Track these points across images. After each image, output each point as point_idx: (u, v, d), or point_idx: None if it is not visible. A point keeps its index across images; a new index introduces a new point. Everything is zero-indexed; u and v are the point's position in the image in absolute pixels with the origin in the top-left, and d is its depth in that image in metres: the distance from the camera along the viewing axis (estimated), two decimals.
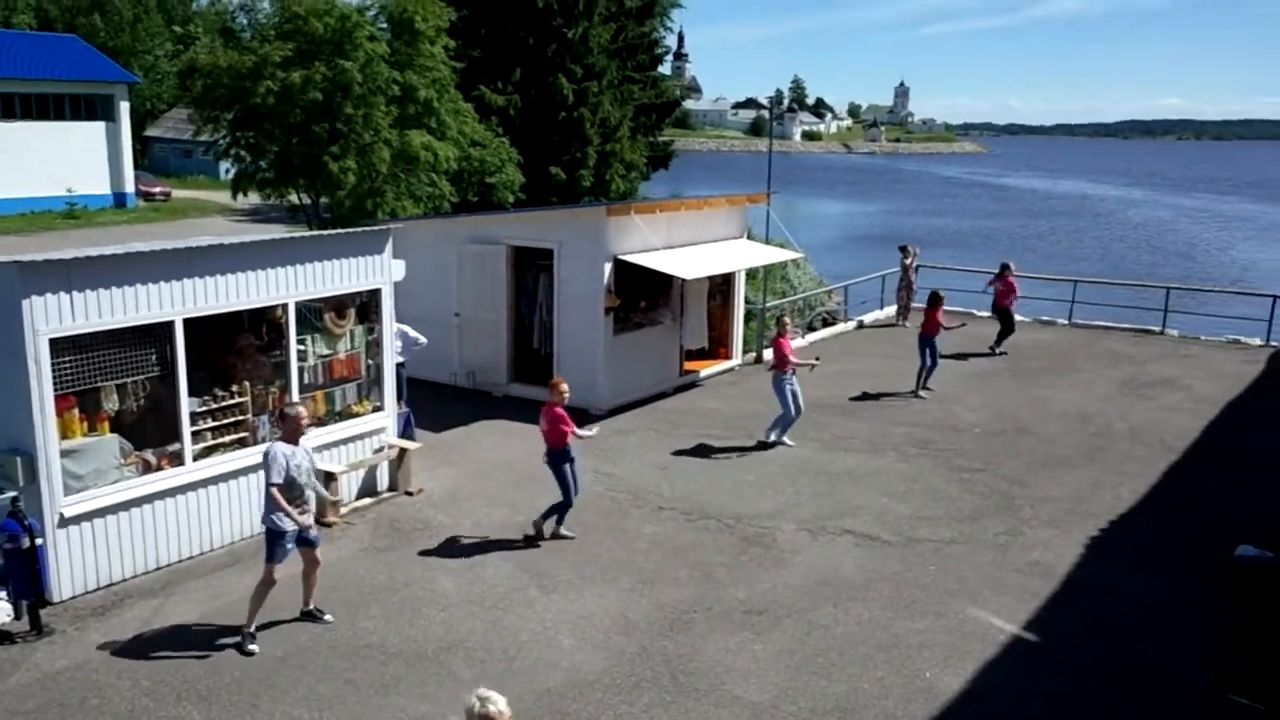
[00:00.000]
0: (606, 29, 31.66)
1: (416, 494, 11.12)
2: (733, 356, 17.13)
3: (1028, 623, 8.48)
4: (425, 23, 27.47)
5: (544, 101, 29.30)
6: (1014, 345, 18.71)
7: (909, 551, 9.87)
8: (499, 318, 14.65)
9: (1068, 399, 15.58)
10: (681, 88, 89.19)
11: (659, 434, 13.46)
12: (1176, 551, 10.00)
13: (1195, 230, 67.08)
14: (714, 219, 16.03)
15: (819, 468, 12.28)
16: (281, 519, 7.70)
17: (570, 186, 29.49)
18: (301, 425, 7.97)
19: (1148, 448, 13.23)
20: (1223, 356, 18.78)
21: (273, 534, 7.80)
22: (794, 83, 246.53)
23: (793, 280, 26.23)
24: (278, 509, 7.67)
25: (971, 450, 13.06)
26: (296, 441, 7.91)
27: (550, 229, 14.38)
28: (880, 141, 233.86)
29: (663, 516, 10.64)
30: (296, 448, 7.88)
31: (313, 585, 8.28)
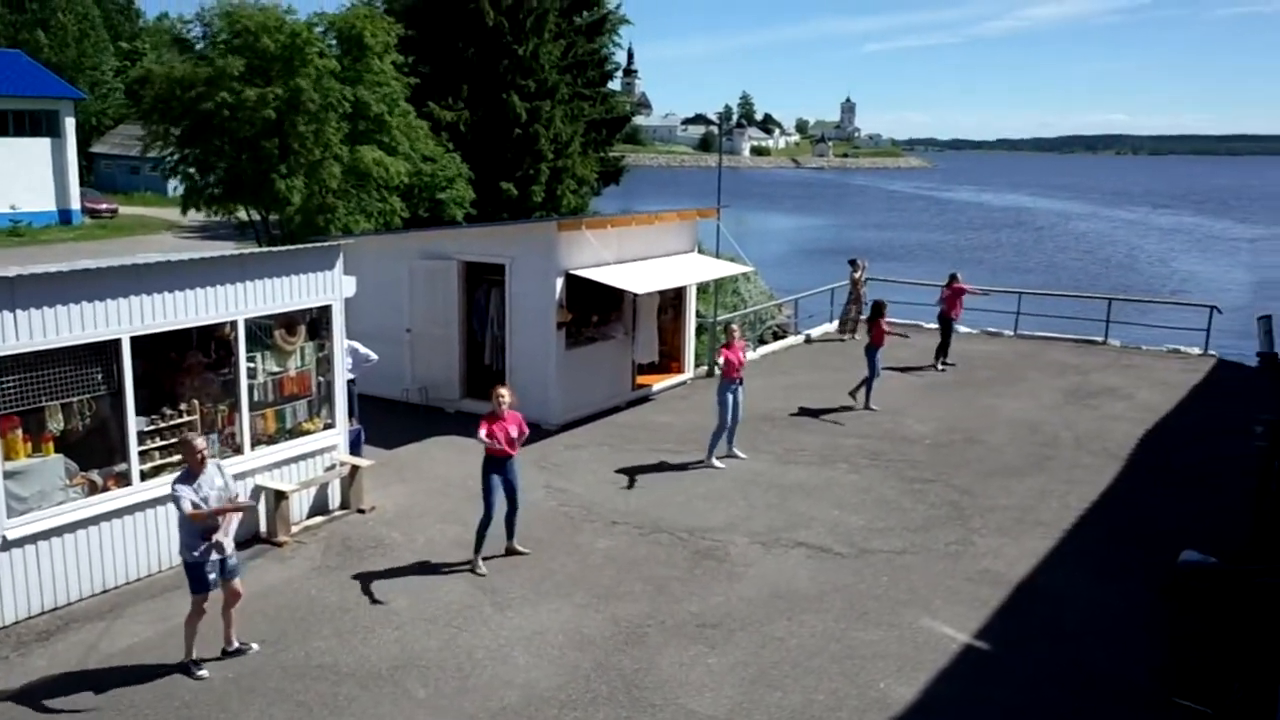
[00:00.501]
0: (557, 46, 31.72)
1: (369, 512, 11.01)
2: (685, 370, 17.20)
3: (979, 631, 8.60)
4: (374, 38, 27.34)
5: (495, 118, 29.27)
6: (962, 356, 19.00)
7: (862, 563, 9.97)
8: (450, 333, 14.58)
9: (1015, 409, 15.86)
10: (632, 104, 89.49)
11: (612, 448, 13.47)
12: (1123, 558, 10.21)
13: (1135, 242, 68.67)
14: (665, 233, 16.12)
15: (771, 480, 12.36)
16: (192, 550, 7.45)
17: (522, 202, 29.46)
18: (197, 457, 7.51)
19: (1093, 456, 13.50)
20: (1163, 365, 19.24)
21: (189, 565, 7.56)
22: (742, 99, 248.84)
23: (743, 294, 26.41)
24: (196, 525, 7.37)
25: (922, 461, 13.23)
26: (200, 472, 7.51)
27: (502, 244, 14.35)
28: (828, 157, 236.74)
29: (616, 531, 10.64)
30: (201, 478, 7.49)
31: (230, 621, 7.92)
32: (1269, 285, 46.08)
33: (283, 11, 27.10)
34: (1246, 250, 64.72)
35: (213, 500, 7.51)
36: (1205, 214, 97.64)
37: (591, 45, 36.41)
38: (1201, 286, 43.17)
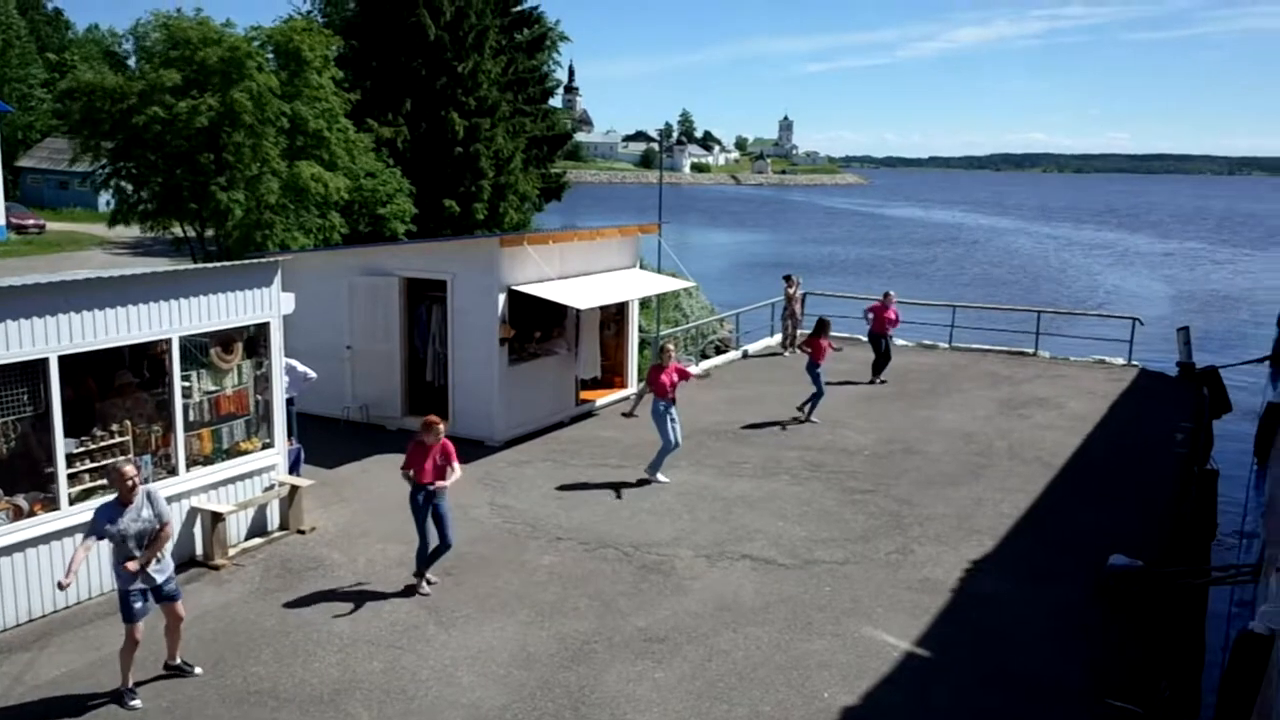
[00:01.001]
0: (497, 62, 31.68)
1: (309, 532, 10.84)
2: (628, 385, 17.24)
3: (919, 638, 8.74)
4: (312, 53, 27.07)
5: (436, 134, 29.12)
6: (898, 369, 19.33)
7: (805, 573, 10.07)
8: (392, 350, 14.46)
9: (950, 419, 16.17)
10: (573, 120, 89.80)
11: (556, 464, 13.45)
12: (1055, 563, 10.46)
13: (1062, 256, 70.51)
14: (607, 249, 16.18)
15: (715, 494, 12.44)
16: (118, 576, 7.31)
17: (464, 218, 29.32)
18: (127, 485, 7.28)
19: (1026, 464, 13.82)
20: (1090, 376, 19.78)
21: (122, 593, 7.38)
22: (683, 116, 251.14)
23: (685, 309, 26.58)
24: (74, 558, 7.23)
25: (862, 472, 13.42)
26: (129, 500, 7.30)
27: (443, 260, 14.29)
28: (767, 173, 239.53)
29: (561, 547, 10.62)
30: (129, 507, 7.28)
31: (176, 640, 7.80)
32: (1186, 298, 47.68)
33: (221, 25, 26.72)
34: (1165, 264, 66.81)
35: (134, 532, 7.27)
36: (1125, 229, 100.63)
37: (532, 62, 36.42)
38: (1125, 299, 44.46)
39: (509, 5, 35.29)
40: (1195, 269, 63.83)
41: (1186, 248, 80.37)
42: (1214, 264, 67.43)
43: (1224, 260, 70.27)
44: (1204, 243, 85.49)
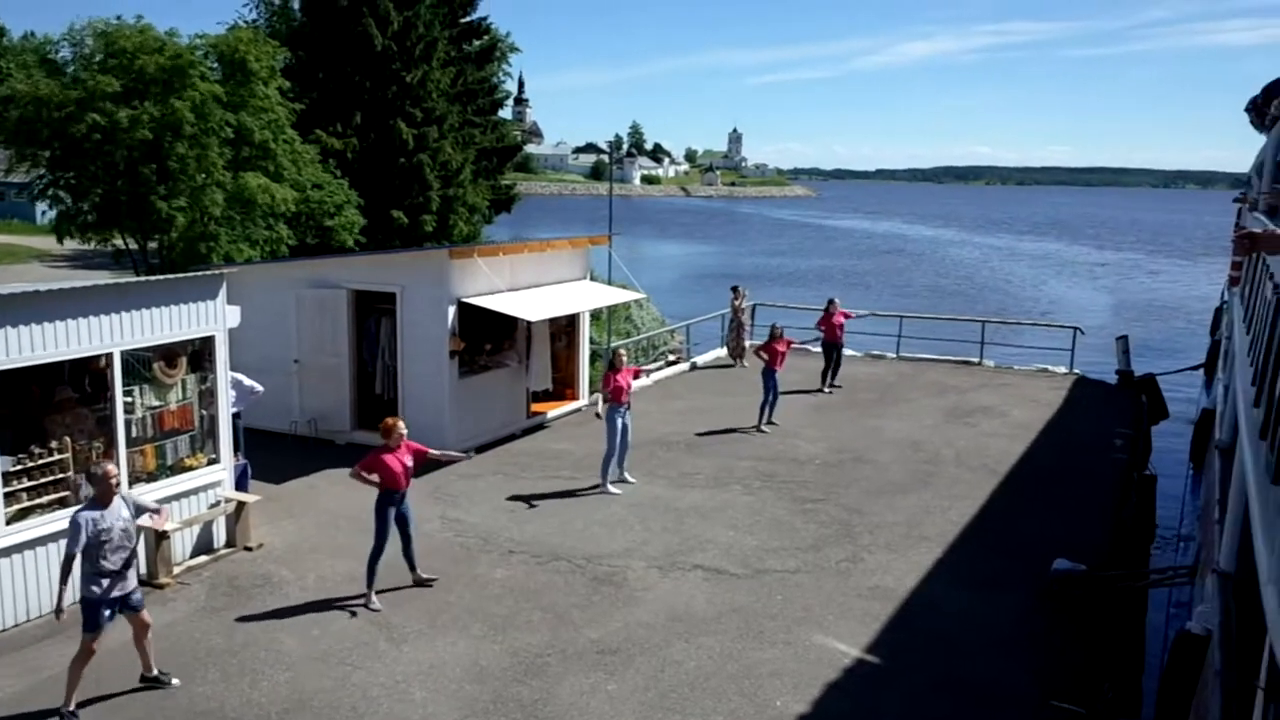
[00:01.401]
0: (446, 73, 31.54)
1: (256, 549, 10.68)
2: (579, 397, 17.24)
3: (870, 645, 8.84)
4: (258, 63, 26.72)
5: (384, 145, 28.92)
6: (847, 379, 19.56)
7: (757, 583, 10.13)
8: (340, 363, 14.31)
9: (898, 428, 16.38)
10: (523, 132, 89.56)
11: (507, 477, 13.40)
12: (1002, 568, 10.63)
13: (1006, 267, 71.83)
14: (557, 261, 16.18)
15: (667, 504, 12.47)
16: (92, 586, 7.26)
17: (413, 230, 29.12)
18: (112, 485, 7.42)
19: (972, 472, 14.05)
20: (1033, 384, 20.16)
21: (88, 602, 7.33)
22: (632, 128, 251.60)
23: (636, 320, 26.65)
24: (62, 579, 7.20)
25: (812, 481, 13.54)
26: (109, 503, 7.38)
27: (393, 272, 14.20)
28: (717, 185, 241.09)
29: (513, 560, 10.58)
30: (107, 510, 7.34)
31: (148, 649, 7.82)
32: (1125, 307, 48.82)
33: (163, 33, 26.24)
34: (1103, 274, 68.37)
35: (116, 535, 7.32)
36: (1065, 241, 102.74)
37: (481, 74, 36.31)
38: (1066, 309, 45.38)
39: (458, 16, 35.17)
40: (1132, 279, 65.40)
41: (1123, 258, 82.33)
42: (1149, 274, 69.14)
43: (1158, 270, 72.09)
44: (1140, 253, 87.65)
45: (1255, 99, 23.41)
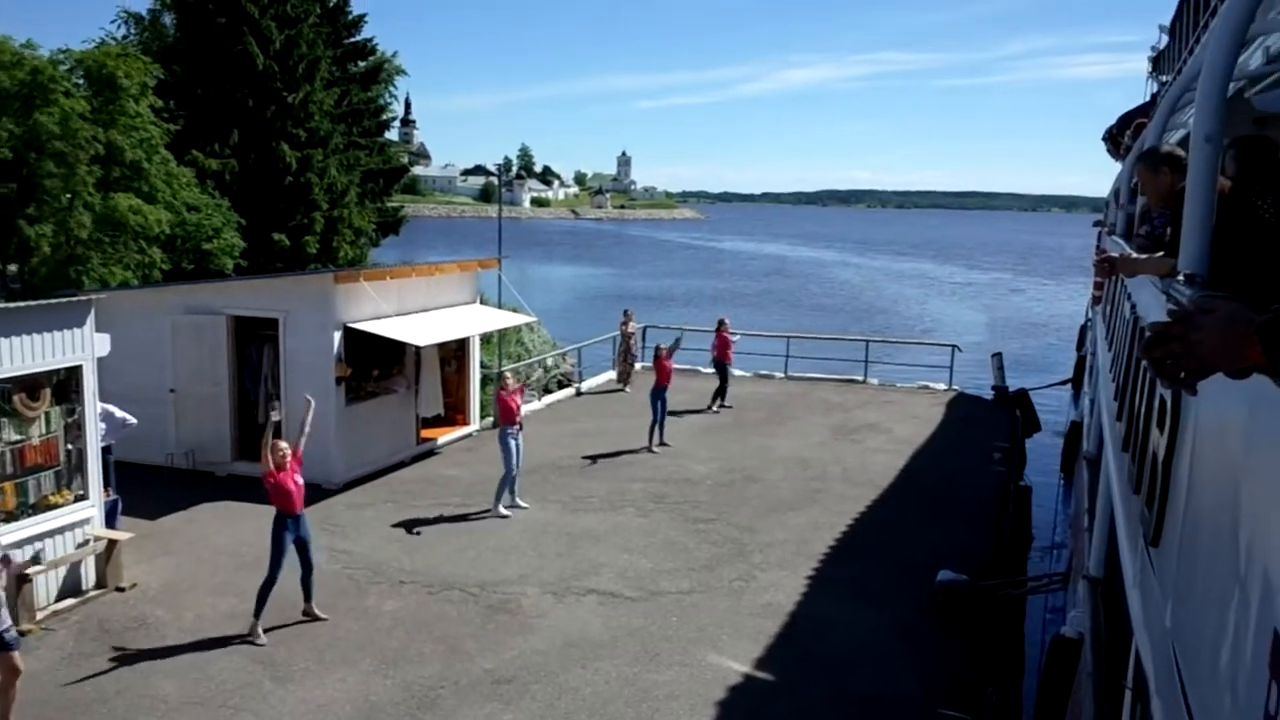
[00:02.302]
0: (330, 94, 30.93)
1: (129, 589, 10.18)
2: (470, 422, 17.03)
3: (763, 663, 8.94)
4: (129, 79, 25.72)
5: (265, 166, 28.14)
6: (736, 398, 19.83)
7: (652, 605, 10.15)
8: (220, 392, 13.82)
9: (787, 446, 16.68)
10: (410, 153, 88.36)
11: (397, 505, 13.13)
12: (889, 582, 10.90)
13: (888, 287, 74.02)
14: (446, 285, 16.00)
15: (560, 529, 12.40)
16: None
17: (296, 253, 28.35)
18: None
19: (859, 488, 14.39)
20: (915, 401, 20.81)
21: None
22: (522, 151, 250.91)
23: (527, 343, 26.48)
24: None
25: (704, 501, 13.66)
26: None
27: (275, 298, 13.80)
28: (606, 208, 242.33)
29: (405, 591, 10.35)
30: None
31: (12, 700, 7.34)
32: (999, 324, 50.86)
33: (20, 46, 25.01)
34: (978, 293, 71.13)
35: None
36: (942, 261, 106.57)
37: (367, 94, 35.76)
38: (944, 327, 47.01)
39: (342, 36, 34.58)
40: (1004, 297, 68.19)
41: (995, 278, 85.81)
42: (1019, 292, 72.22)
43: (1028, 289, 75.38)
44: (1010, 273, 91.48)
45: (1111, 129, 24.77)
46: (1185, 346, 1.58)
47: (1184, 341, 1.58)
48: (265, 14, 28.45)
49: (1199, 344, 1.56)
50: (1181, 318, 1.61)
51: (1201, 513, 2.38)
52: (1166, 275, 3.63)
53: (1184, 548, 2.55)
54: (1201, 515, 2.38)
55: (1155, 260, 3.81)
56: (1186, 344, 1.58)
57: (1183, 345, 1.58)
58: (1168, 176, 4.01)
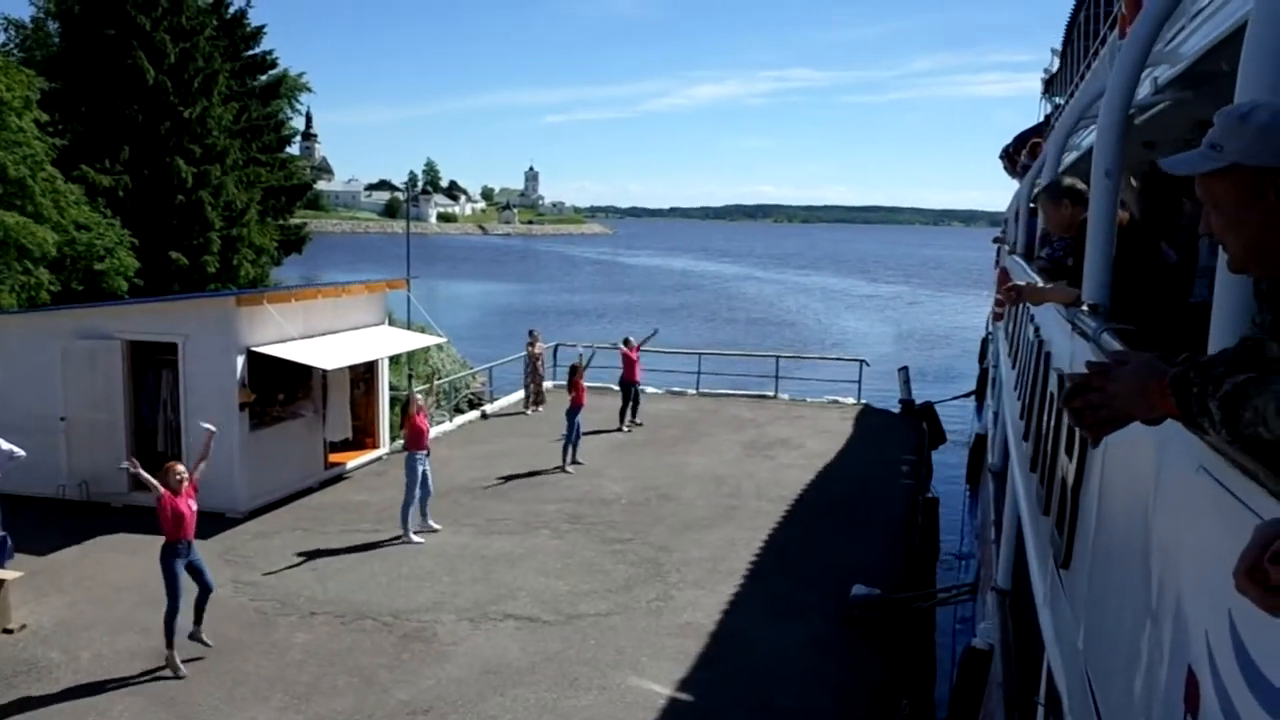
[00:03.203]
0: (228, 109, 30.11)
1: (18, 631, 9.69)
2: (380, 445, 16.72)
3: (683, 684, 8.96)
4: (10, 93, 24.61)
5: (160, 183, 27.21)
6: (649, 415, 19.90)
7: (570, 628, 10.08)
8: (115, 419, 13.30)
9: (701, 463, 16.79)
10: (311, 168, 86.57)
11: (306, 533, 12.80)
12: (805, 597, 11.04)
13: (796, 301, 75.26)
14: (353, 306, 15.71)
15: (475, 553, 12.25)
16: None
17: (194, 272, 27.45)
18: None
19: (773, 504, 14.55)
20: (825, 415, 21.17)
21: None
22: (427, 166, 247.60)
23: (436, 363, 26.12)
24: None
25: (620, 521, 13.65)
26: None
27: (174, 321, 13.36)
28: (514, 223, 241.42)
29: (315, 622, 10.09)
30: None
31: None
32: (904, 337, 52.19)
33: None
34: (884, 307, 72.89)
35: None
36: (847, 275, 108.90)
37: (267, 109, 34.95)
38: (852, 340, 48.00)
39: (240, 49, 33.74)
40: (908, 310, 69.99)
41: (899, 290, 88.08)
42: (922, 305, 74.23)
43: (929, 301, 77.50)
44: (913, 286, 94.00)
45: (1008, 148, 25.72)
46: (1102, 397, 1.64)
47: (1101, 392, 1.64)
48: (158, 26, 27.59)
49: (1115, 395, 1.62)
50: (1099, 370, 1.67)
51: (1112, 541, 2.47)
52: (1071, 305, 3.77)
53: (1095, 574, 2.64)
54: (1112, 544, 2.46)
55: (1060, 290, 3.97)
56: (1104, 394, 1.64)
57: (1100, 396, 1.64)
58: (1069, 208, 4.18)
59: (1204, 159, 1.63)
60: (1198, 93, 7.14)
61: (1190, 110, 8.74)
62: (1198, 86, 6.84)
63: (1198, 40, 5.45)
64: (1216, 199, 1.64)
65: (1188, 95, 6.94)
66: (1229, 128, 1.61)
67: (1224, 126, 1.62)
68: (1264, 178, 1.57)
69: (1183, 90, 6.87)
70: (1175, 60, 5.57)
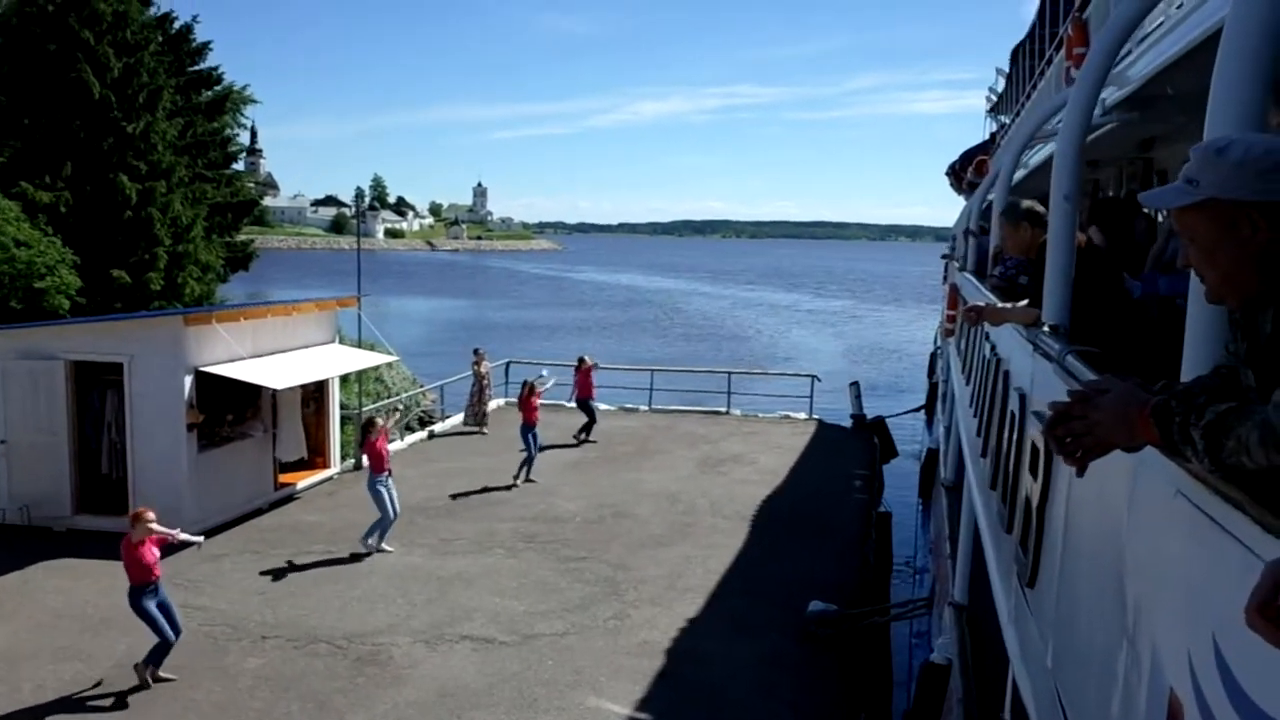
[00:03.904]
0: (173, 124, 29.58)
1: None
2: (330, 465, 16.50)
3: (642, 703, 8.93)
4: None
5: (103, 199, 26.61)
6: (602, 432, 19.86)
7: (527, 649, 10.01)
8: (58, 441, 12.98)
9: (655, 480, 16.78)
10: (257, 184, 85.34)
11: (257, 555, 12.57)
12: (762, 613, 11.07)
13: (747, 316, 75.73)
14: (304, 324, 15.52)
15: (429, 573, 12.12)
16: None
17: (138, 290, 26.84)
18: None
19: (728, 520, 14.59)
20: (778, 431, 21.31)
21: None
22: (375, 181, 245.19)
23: (387, 381, 25.85)
24: None
25: (575, 539, 13.59)
26: None
27: (119, 340, 13.09)
28: (463, 239, 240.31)
29: (267, 647, 9.90)
30: None
31: None
32: (853, 351, 52.74)
33: None
34: (833, 321, 73.62)
35: None
36: (796, 290, 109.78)
37: (213, 125, 34.39)
38: (802, 355, 48.40)
39: (185, 64, 33.20)
40: (856, 325, 70.78)
41: (845, 305, 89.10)
42: (870, 319, 75.10)
43: (877, 315, 78.46)
44: (860, 300, 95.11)
45: (954, 165, 26.24)
46: (1085, 426, 1.67)
47: (1083, 420, 1.67)
48: (102, 40, 27.05)
49: (1097, 424, 1.65)
50: (1080, 398, 1.70)
51: (1082, 562, 2.51)
52: (1031, 325, 3.85)
53: (1065, 593, 2.68)
54: (1082, 565, 2.51)
55: (1020, 310, 4.05)
56: (1086, 423, 1.66)
57: (1082, 424, 1.67)
58: (1027, 230, 4.27)
59: (1181, 194, 1.67)
60: (1144, 114, 7.36)
61: (1135, 130, 9.02)
62: (1144, 108, 7.05)
63: (1144, 65, 5.63)
64: (1194, 233, 1.68)
65: (1134, 116, 7.15)
66: (1205, 162, 1.64)
67: (1200, 161, 1.65)
68: (1239, 211, 1.61)
69: (1129, 111, 7.08)
70: (1123, 83, 5.73)
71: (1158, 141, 10.34)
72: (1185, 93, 6.30)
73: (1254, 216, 1.60)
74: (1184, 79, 5.57)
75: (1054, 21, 13.41)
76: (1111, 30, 3.49)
